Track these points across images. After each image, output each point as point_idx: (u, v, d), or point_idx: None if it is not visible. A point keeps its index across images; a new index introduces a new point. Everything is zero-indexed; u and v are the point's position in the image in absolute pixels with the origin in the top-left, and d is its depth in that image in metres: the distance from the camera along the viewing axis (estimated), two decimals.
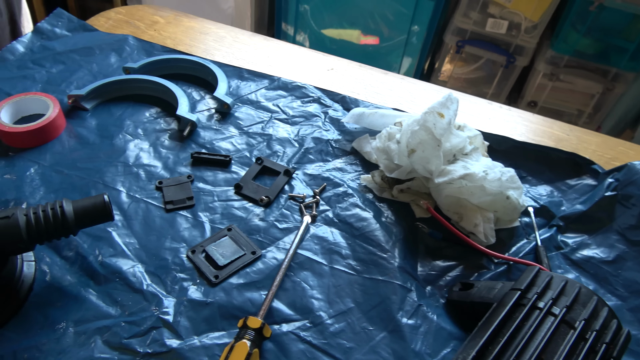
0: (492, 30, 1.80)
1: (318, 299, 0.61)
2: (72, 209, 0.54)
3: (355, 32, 2.10)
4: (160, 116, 0.83)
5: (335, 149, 0.81)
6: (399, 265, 0.64)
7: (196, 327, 0.57)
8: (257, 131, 0.82)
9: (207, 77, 0.91)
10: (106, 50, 0.94)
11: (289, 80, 0.92)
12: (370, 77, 0.97)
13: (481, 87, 2.01)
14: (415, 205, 0.72)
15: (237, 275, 0.62)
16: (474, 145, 0.70)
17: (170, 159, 0.76)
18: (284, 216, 0.70)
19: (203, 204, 0.70)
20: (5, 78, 0.85)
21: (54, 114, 0.75)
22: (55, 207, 0.53)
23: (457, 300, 0.61)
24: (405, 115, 0.77)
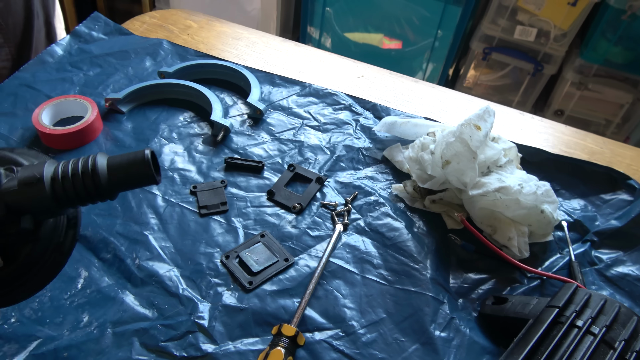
0: (520, 38, 1.79)
1: (350, 308, 0.61)
2: (107, 165, 0.42)
3: (378, 36, 2.10)
4: (194, 120, 0.84)
5: (366, 157, 0.81)
6: (431, 276, 0.64)
7: (231, 333, 0.57)
8: (289, 137, 0.83)
9: (240, 83, 0.92)
10: (141, 54, 0.96)
11: (320, 87, 0.92)
12: (400, 85, 0.97)
13: (507, 95, 1.99)
14: (447, 216, 0.72)
15: (270, 282, 0.63)
16: (508, 157, 0.70)
17: (204, 164, 0.77)
18: (316, 224, 0.70)
19: (236, 210, 0.71)
20: (45, 80, 0.87)
21: (93, 117, 0.77)
22: (87, 163, 0.42)
23: (491, 314, 0.61)
24: (438, 125, 0.77)
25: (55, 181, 0.40)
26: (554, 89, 1.93)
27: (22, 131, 0.78)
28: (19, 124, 0.79)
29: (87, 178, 0.41)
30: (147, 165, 0.42)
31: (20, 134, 0.77)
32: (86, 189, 0.41)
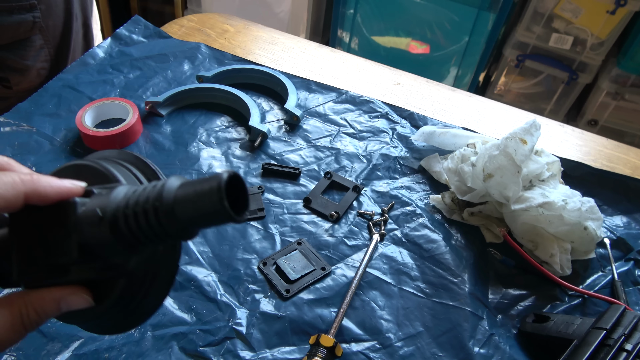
0: (555, 46, 1.75)
1: (387, 320, 0.60)
2: (174, 198, 0.27)
3: (406, 40, 2.09)
4: (231, 125, 0.85)
5: (403, 167, 0.80)
6: (470, 291, 0.63)
7: (268, 340, 0.57)
8: (325, 145, 0.83)
9: (276, 88, 0.92)
10: (180, 57, 0.97)
11: (356, 94, 0.92)
12: (437, 94, 0.96)
13: (539, 103, 1.96)
14: (485, 229, 0.71)
15: (307, 291, 0.63)
16: (551, 171, 0.69)
17: (241, 169, 0.77)
18: (352, 233, 0.70)
19: (273, 216, 0.71)
20: (87, 82, 0.89)
21: (134, 120, 0.78)
22: (152, 196, 0.28)
23: (531, 332, 0.60)
24: (478, 136, 0.76)
25: (119, 220, 0.28)
26: (588, 99, 1.89)
27: (65, 132, 0.80)
28: (62, 125, 0.81)
29: (152, 216, 0.28)
30: (219, 198, 0.26)
31: (63, 135, 0.79)
32: (153, 230, 0.28)
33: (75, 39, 1.04)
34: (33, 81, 0.96)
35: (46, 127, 0.80)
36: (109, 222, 0.28)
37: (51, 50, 0.97)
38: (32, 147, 0.76)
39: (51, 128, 0.80)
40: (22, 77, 0.94)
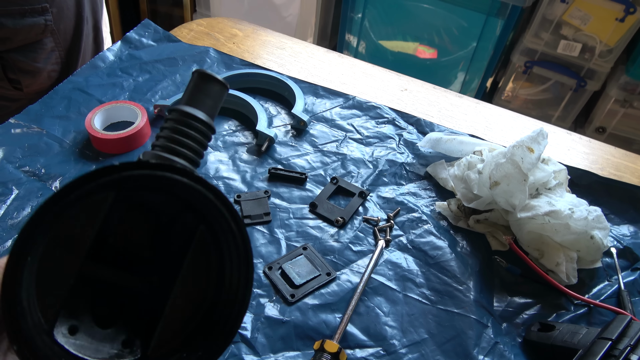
0: (563, 53, 1.75)
1: (392, 327, 0.60)
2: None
3: (413, 44, 2.09)
4: (239, 129, 0.85)
5: (409, 173, 0.80)
6: (475, 298, 0.63)
7: (272, 345, 0.58)
8: (332, 150, 0.83)
9: (284, 93, 0.93)
10: (188, 61, 0.98)
11: (363, 99, 0.92)
12: (444, 100, 0.96)
13: (546, 110, 1.95)
14: (491, 237, 0.70)
15: (312, 296, 0.63)
16: (558, 180, 0.68)
17: (248, 173, 0.78)
18: (358, 238, 0.70)
19: (279, 221, 0.71)
20: (97, 85, 0.90)
21: (142, 123, 0.79)
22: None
23: (537, 341, 0.59)
24: (485, 143, 0.76)
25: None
26: (597, 106, 1.88)
27: (74, 134, 0.80)
28: (72, 127, 0.81)
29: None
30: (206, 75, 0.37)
31: (72, 137, 0.80)
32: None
33: (85, 42, 1.05)
34: (44, 83, 0.97)
35: (56, 129, 0.81)
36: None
37: (62, 53, 0.99)
38: (41, 149, 0.77)
39: (61, 130, 0.81)
40: (33, 79, 0.95)
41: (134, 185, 0.32)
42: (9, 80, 0.94)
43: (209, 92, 0.37)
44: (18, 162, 0.75)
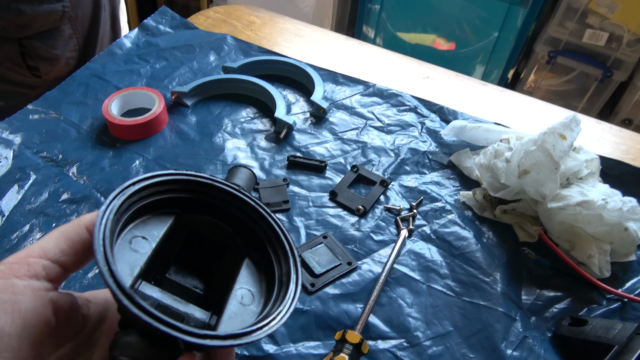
0: (589, 42, 1.69)
1: (415, 318, 0.58)
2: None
3: (431, 36, 2.05)
4: (257, 117, 0.84)
5: (432, 162, 0.78)
6: (502, 291, 0.61)
7: (292, 335, 0.56)
8: (352, 138, 0.81)
9: (303, 80, 0.91)
10: (206, 48, 0.97)
11: (384, 87, 0.90)
12: (467, 88, 0.93)
13: (570, 101, 1.90)
14: (519, 228, 0.68)
15: (333, 285, 0.61)
16: (590, 169, 0.65)
17: (266, 160, 0.76)
18: (379, 228, 0.68)
19: (298, 209, 0.70)
20: (114, 71, 0.89)
21: (159, 109, 0.78)
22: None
23: (567, 336, 0.57)
24: (512, 131, 0.73)
25: None
26: (623, 97, 1.82)
27: (91, 120, 0.80)
28: (89, 114, 0.81)
29: None
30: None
31: (89, 123, 0.79)
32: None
33: (103, 29, 1.04)
34: (62, 70, 0.97)
35: (73, 115, 0.80)
36: None
37: (79, 40, 0.98)
38: (59, 135, 0.76)
39: (78, 116, 0.80)
40: (52, 66, 0.95)
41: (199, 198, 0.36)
42: (27, 67, 0.93)
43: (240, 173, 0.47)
44: (36, 148, 0.74)
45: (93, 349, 0.31)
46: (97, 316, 0.33)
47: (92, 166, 0.72)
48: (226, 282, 0.35)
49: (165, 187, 0.34)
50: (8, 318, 0.26)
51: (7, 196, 0.67)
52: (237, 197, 0.37)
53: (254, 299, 0.35)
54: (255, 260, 0.37)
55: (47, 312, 0.28)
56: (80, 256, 0.30)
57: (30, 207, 0.66)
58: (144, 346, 0.28)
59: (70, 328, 0.31)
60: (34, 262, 0.28)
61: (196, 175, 0.35)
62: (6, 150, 0.73)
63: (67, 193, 0.68)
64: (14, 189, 0.68)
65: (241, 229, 0.37)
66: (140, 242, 0.32)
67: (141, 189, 0.32)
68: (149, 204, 0.33)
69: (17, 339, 0.26)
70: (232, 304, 0.33)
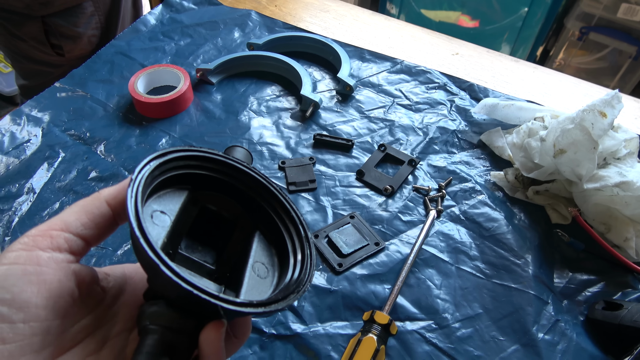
0: (624, 17, 1.62)
1: (444, 300, 0.58)
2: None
3: (455, 13, 1.99)
4: (282, 94, 0.83)
5: (461, 141, 0.76)
6: (534, 274, 0.60)
7: (320, 314, 0.56)
8: (379, 116, 0.79)
9: (329, 57, 0.89)
10: (230, 24, 0.95)
11: (412, 64, 0.88)
12: (499, 65, 0.90)
13: (601, 79, 1.83)
14: (551, 209, 0.66)
15: (360, 266, 0.60)
16: (629, 149, 0.63)
17: (292, 139, 0.75)
18: (407, 208, 0.67)
19: (325, 188, 0.69)
20: (139, 49, 0.89)
21: (185, 87, 0.77)
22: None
23: (601, 320, 0.55)
24: (547, 109, 0.71)
25: None
26: None
27: (118, 98, 0.80)
28: (115, 91, 0.81)
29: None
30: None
31: (116, 101, 0.79)
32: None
33: (124, 6, 1.03)
34: (84, 49, 0.97)
35: (99, 93, 0.80)
36: None
37: (101, 17, 0.98)
38: (86, 113, 0.77)
39: (104, 94, 0.80)
40: (74, 44, 0.95)
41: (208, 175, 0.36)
42: (51, 46, 0.94)
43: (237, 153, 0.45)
44: (64, 126, 0.74)
45: (114, 321, 0.32)
46: (116, 289, 0.33)
47: (119, 144, 0.72)
48: (239, 257, 0.36)
49: (181, 162, 0.34)
50: (34, 289, 0.26)
51: (37, 174, 0.68)
52: (247, 174, 0.37)
53: (268, 272, 0.35)
54: (267, 236, 0.37)
55: (71, 284, 0.28)
56: (100, 229, 0.30)
57: (60, 184, 0.67)
58: (174, 315, 0.28)
59: (91, 299, 0.31)
60: (56, 235, 0.28)
61: (210, 152, 0.36)
62: (35, 128, 0.74)
63: (95, 171, 0.69)
64: (44, 166, 0.69)
65: (251, 205, 0.37)
66: (160, 217, 0.32)
67: (162, 164, 0.32)
68: (165, 179, 0.33)
69: (43, 309, 0.26)
70: (249, 276, 0.34)
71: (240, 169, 0.37)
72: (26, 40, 0.92)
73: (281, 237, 0.37)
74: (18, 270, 0.26)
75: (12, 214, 0.63)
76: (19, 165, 0.69)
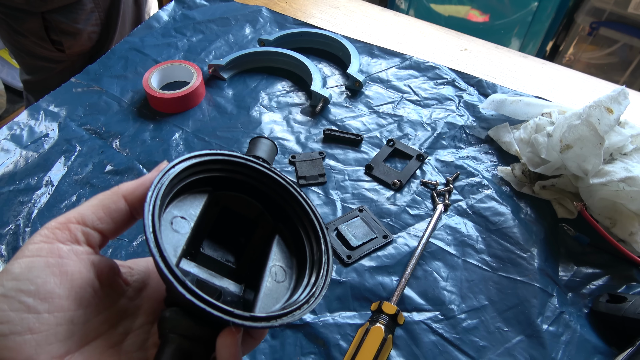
0: (635, 12, 1.61)
1: (450, 292, 0.59)
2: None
3: (465, 8, 1.98)
4: (292, 90, 0.84)
5: (469, 136, 0.77)
6: (539, 267, 0.61)
7: (329, 305, 0.58)
8: (388, 111, 0.80)
9: (338, 53, 0.90)
10: (241, 21, 0.97)
11: (421, 59, 0.88)
12: (507, 60, 0.91)
13: (612, 74, 1.83)
14: (557, 204, 0.67)
15: (368, 258, 0.62)
16: (635, 145, 0.64)
17: (302, 134, 0.77)
18: (415, 202, 0.68)
19: (334, 182, 0.70)
20: (152, 45, 0.90)
21: (198, 83, 0.79)
22: None
23: (605, 312, 0.57)
24: (555, 105, 0.71)
25: None
26: None
27: (132, 93, 0.81)
28: (129, 87, 0.82)
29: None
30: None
31: (130, 96, 0.81)
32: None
33: (125, 3, 1.05)
34: (84, 45, 0.99)
35: (114, 88, 0.82)
36: None
37: (101, 14, 0.99)
38: (101, 108, 0.79)
39: (119, 89, 0.82)
40: (74, 40, 0.97)
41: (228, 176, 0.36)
42: (52, 42, 0.96)
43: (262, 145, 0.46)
44: (80, 120, 0.76)
45: (136, 314, 0.33)
46: (139, 283, 0.34)
47: (133, 139, 0.74)
48: (258, 258, 0.37)
49: (201, 167, 0.35)
50: (57, 280, 0.27)
51: (55, 167, 0.70)
52: (267, 175, 0.38)
53: (286, 275, 0.36)
54: (286, 238, 0.38)
55: (91, 275, 0.29)
56: (117, 224, 0.31)
57: (77, 177, 0.69)
58: (192, 324, 0.29)
59: (113, 292, 0.32)
60: (74, 229, 0.29)
61: (230, 155, 0.36)
62: (53, 123, 0.76)
63: (111, 164, 0.71)
64: (61, 160, 0.71)
65: (271, 207, 0.38)
66: (180, 223, 0.33)
67: (182, 171, 0.33)
68: (185, 185, 0.34)
69: (66, 299, 0.27)
70: (267, 281, 0.34)
71: (260, 170, 0.37)
72: (27, 36, 0.94)
73: (300, 240, 0.38)
74: (41, 262, 0.27)
75: (31, 205, 0.65)
76: (38, 158, 0.71)
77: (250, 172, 0.37)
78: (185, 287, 0.28)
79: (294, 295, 0.36)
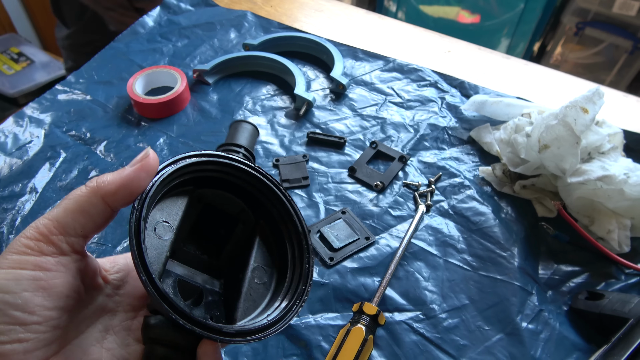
0: (619, 12, 1.63)
1: (431, 292, 0.60)
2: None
3: (455, 9, 2.00)
4: (277, 94, 0.85)
5: (451, 137, 0.78)
6: (519, 265, 0.61)
7: (311, 306, 0.58)
8: (371, 114, 0.81)
9: (322, 56, 0.91)
10: (226, 25, 0.97)
11: (404, 62, 0.89)
12: (490, 62, 0.92)
13: (598, 74, 1.84)
14: (538, 203, 0.68)
15: (351, 259, 0.62)
16: (613, 144, 0.65)
17: (286, 137, 0.77)
18: (397, 203, 0.69)
19: (317, 185, 0.71)
20: (137, 51, 0.91)
21: (182, 88, 0.79)
22: None
23: (584, 309, 0.57)
24: (534, 106, 0.72)
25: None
26: None
27: (117, 99, 0.82)
28: (114, 92, 0.83)
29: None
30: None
31: (115, 102, 0.81)
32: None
33: None
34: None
35: (99, 94, 0.82)
36: None
37: None
38: (86, 114, 0.79)
39: (104, 95, 0.82)
40: (154, 3, 1.03)
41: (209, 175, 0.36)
42: (136, 10, 1.00)
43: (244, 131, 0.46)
44: (65, 127, 0.77)
45: (115, 311, 0.34)
46: (118, 280, 0.35)
47: (118, 144, 0.75)
48: (240, 255, 0.37)
49: (184, 170, 0.35)
50: (45, 293, 0.28)
51: (39, 173, 0.70)
52: (248, 173, 0.37)
53: (266, 276, 0.37)
54: (267, 237, 0.38)
55: (77, 282, 0.31)
56: (99, 224, 0.31)
57: (62, 183, 0.69)
58: (174, 332, 0.30)
59: (94, 290, 0.33)
60: (57, 240, 0.29)
61: (213, 155, 0.36)
62: (38, 129, 0.76)
63: (96, 170, 0.71)
64: (46, 166, 0.71)
65: (254, 204, 0.38)
66: (163, 228, 0.33)
67: (164, 179, 0.33)
68: (168, 189, 0.34)
69: (53, 309, 0.29)
70: (248, 282, 0.35)
71: (241, 168, 0.37)
72: (114, 9, 1.01)
73: (282, 242, 0.38)
74: (27, 275, 0.28)
75: (15, 213, 0.65)
76: (22, 165, 0.71)
77: (233, 171, 0.37)
78: (171, 305, 0.28)
79: (275, 298, 0.36)
